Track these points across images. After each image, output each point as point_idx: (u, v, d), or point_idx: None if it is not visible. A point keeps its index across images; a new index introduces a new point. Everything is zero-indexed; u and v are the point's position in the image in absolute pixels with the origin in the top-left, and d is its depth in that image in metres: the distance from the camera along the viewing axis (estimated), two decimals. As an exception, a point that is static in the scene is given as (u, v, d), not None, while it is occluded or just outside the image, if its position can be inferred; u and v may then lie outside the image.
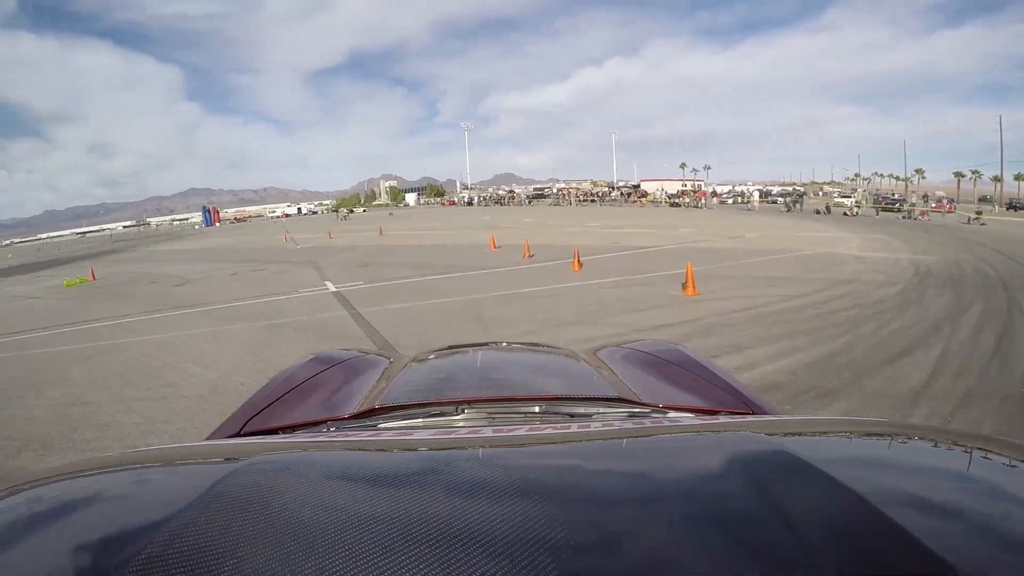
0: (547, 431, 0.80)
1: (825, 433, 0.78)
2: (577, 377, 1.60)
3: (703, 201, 48.63)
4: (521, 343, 2.83)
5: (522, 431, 0.80)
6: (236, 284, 13.57)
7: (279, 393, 1.58)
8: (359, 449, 0.75)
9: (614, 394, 1.28)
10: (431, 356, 1.93)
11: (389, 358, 1.97)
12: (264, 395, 1.59)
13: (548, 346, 2.24)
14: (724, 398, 1.46)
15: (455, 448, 0.72)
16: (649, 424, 0.90)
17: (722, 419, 1.01)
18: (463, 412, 1.14)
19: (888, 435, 0.77)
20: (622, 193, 73.04)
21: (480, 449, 0.69)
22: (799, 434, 0.76)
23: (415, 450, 0.72)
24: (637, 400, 1.25)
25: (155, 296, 12.37)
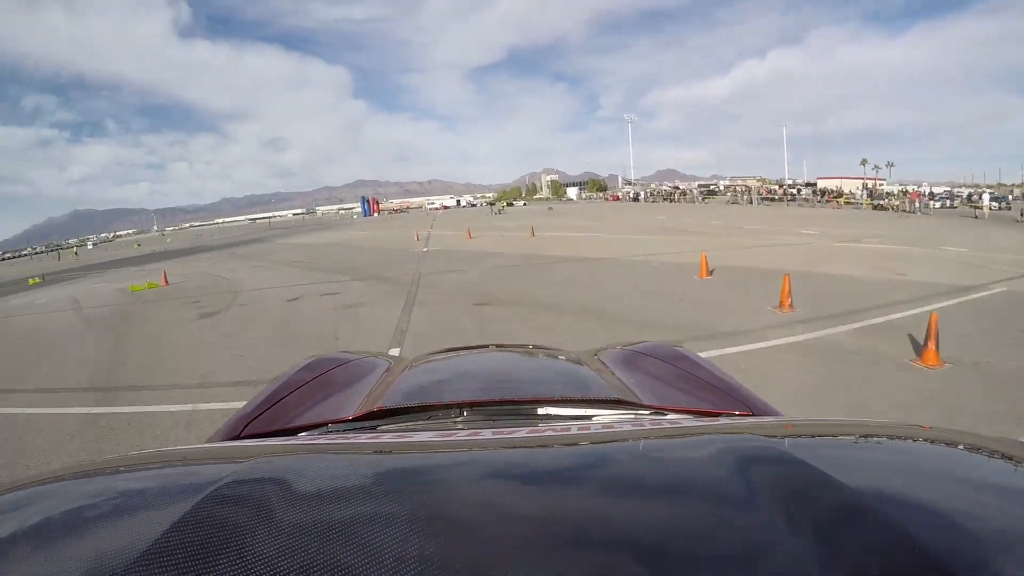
0: (547, 433, 0.80)
1: (826, 435, 0.79)
2: (577, 379, 1.55)
3: (917, 204, 35.74)
4: (520, 345, 2.34)
5: (522, 433, 0.78)
6: (260, 330, 8.59)
7: (279, 396, 1.51)
8: (359, 452, 0.74)
9: (614, 396, 1.24)
10: (431, 359, 1.87)
11: (389, 360, 1.93)
12: (264, 398, 1.51)
13: (548, 348, 2.20)
14: (725, 400, 1.42)
15: (455, 451, 0.72)
16: (649, 426, 0.89)
17: (723, 421, 0.99)
18: (463, 415, 1.14)
19: (890, 436, 0.76)
20: (815, 191, 60.29)
21: (480, 452, 0.69)
22: (800, 436, 0.75)
23: (415, 453, 0.72)
24: (637, 402, 1.24)
25: (147, 338, 8.69)
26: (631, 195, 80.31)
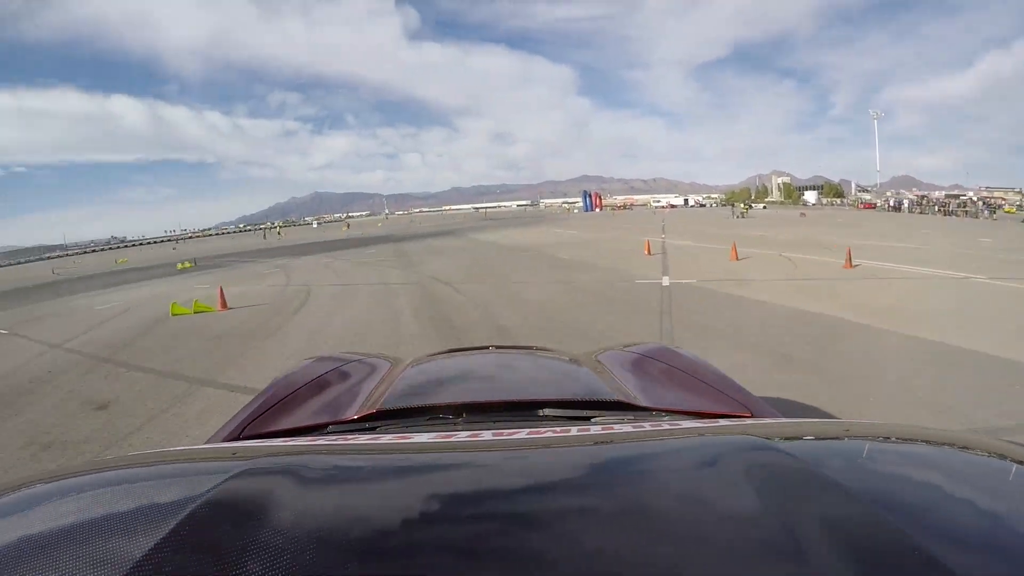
0: (547, 435, 0.78)
1: (826, 437, 0.79)
2: (577, 380, 1.59)
3: None
4: (520, 346, 2.56)
5: (522, 435, 0.79)
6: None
7: (279, 396, 1.53)
8: (359, 453, 0.75)
9: (614, 397, 1.26)
10: (431, 360, 1.88)
11: (390, 361, 1.93)
12: (264, 398, 1.54)
13: (548, 349, 2.20)
14: (724, 401, 1.44)
15: (455, 452, 0.72)
16: (649, 428, 0.90)
17: (722, 423, 0.98)
18: (463, 416, 1.14)
19: (890, 438, 0.77)
20: None
21: (480, 453, 0.70)
22: (800, 438, 0.76)
23: (415, 454, 0.72)
24: (637, 403, 1.25)
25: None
26: (891, 203, 60.31)
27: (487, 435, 0.79)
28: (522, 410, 1.18)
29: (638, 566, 0.41)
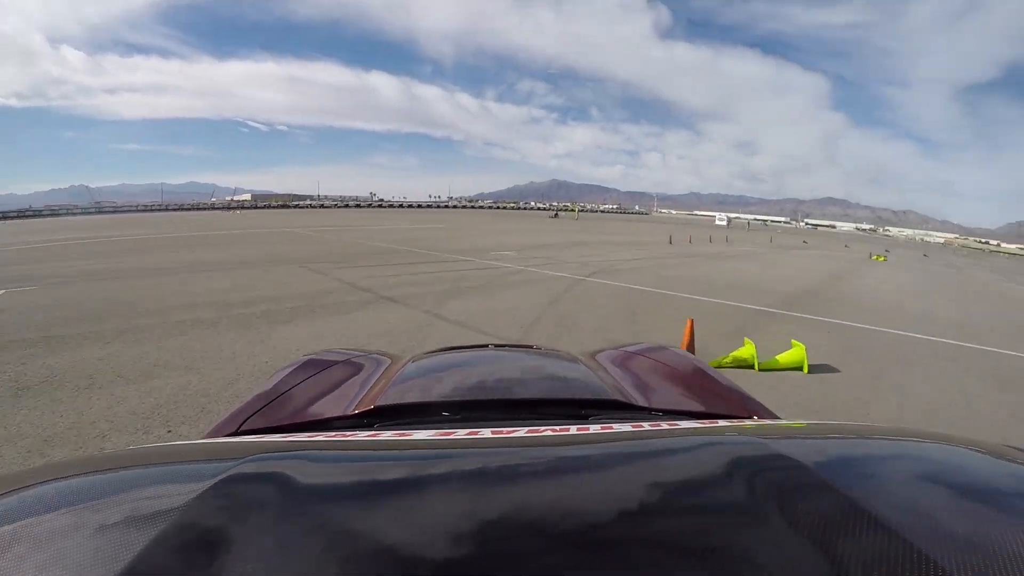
0: (546, 433, 0.78)
1: (825, 438, 0.79)
2: (576, 380, 1.54)
3: None
4: (520, 344, 2.60)
5: (521, 433, 0.79)
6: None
7: (277, 392, 1.51)
8: (357, 449, 0.75)
9: (613, 397, 1.27)
10: (430, 356, 1.85)
11: (388, 358, 1.93)
12: (262, 393, 1.51)
13: (547, 348, 2.19)
14: (722, 402, 1.46)
15: (453, 449, 0.72)
16: (648, 428, 0.89)
17: (720, 423, 0.98)
18: (462, 413, 1.14)
19: (889, 440, 0.77)
20: None
21: (478, 450, 0.70)
22: (798, 439, 0.76)
23: (413, 450, 0.72)
24: (635, 404, 1.26)
25: None
26: None
27: (486, 433, 0.79)
28: (521, 408, 1.19)
29: (636, 565, 0.42)
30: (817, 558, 0.42)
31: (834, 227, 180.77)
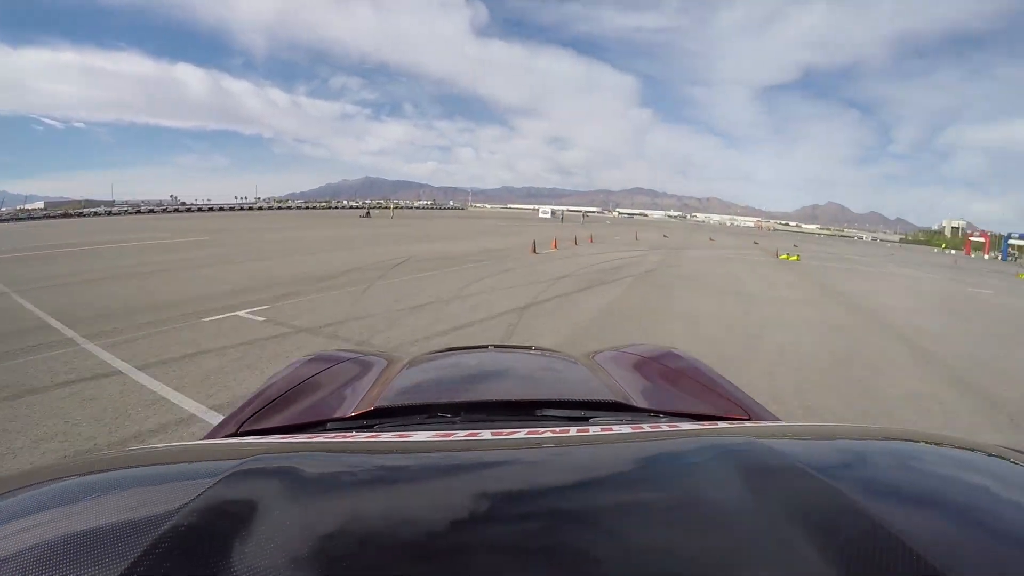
0: (545, 434, 0.78)
1: (824, 440, 0.79)
2: (575, 381, 1.57)
3: None
4: (520, 346, 2.37)
5: (520, 434, 0.79)
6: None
7: (277, 393, 1.50)
8: (356, 451, 0.74)
9: (612, 398, 1.26)
10: (430, 358, 1.87)
11: (388, 359, 1.90)
12: (262, 395, 1.50)
13: (546, 349, 2.17)
14: (722, 403, 1.45)
15: (453, 450, 0.72)
16: (647, 429, 0.89)
17: (720, 425, 0.98)
18: (461, 414, 1.14)
19: (889, 442, 0.77)
20: None
21: (478, 452, 0.70)
22: (799, 441, 0.76)
23: (413, 452, 0.72)
24: (635, 405, 1.25)
25: None
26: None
27: (486, 434, 0.79)
28: (521, 409, 1.18)
29: (635, 566, 0.42)
30: (816, 559, 0.42)
31: (646, 215, 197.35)
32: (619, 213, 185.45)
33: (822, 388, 5.52)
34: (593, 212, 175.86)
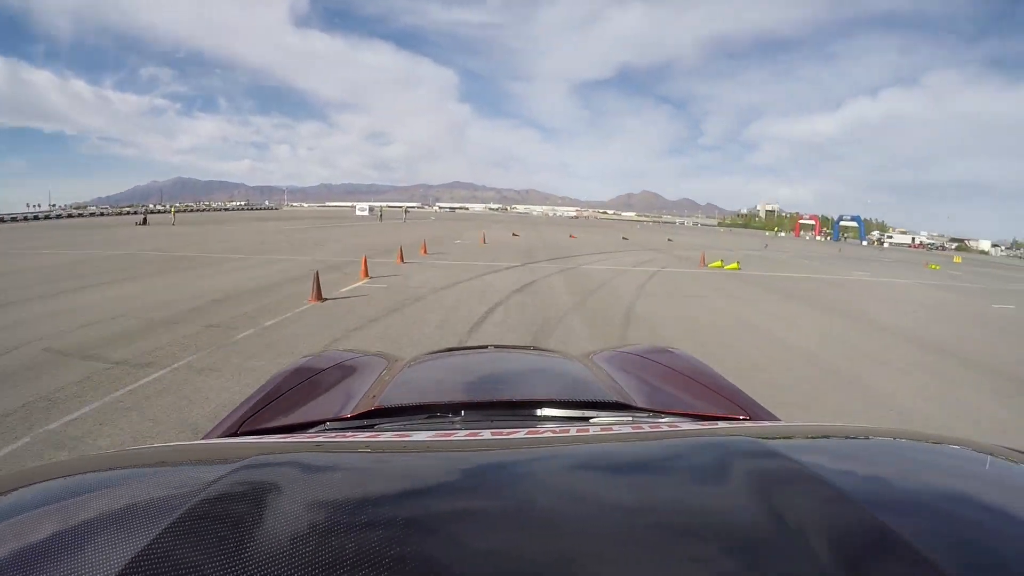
0: (545, 435, 0.79)
1: (824, 439, 0.79)
2: (575, 381, 1.57)
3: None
4: (520, 346, 2.66)
5: (520, 434, 0.79)
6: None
7: (277, 392, 1.52)
8: (356, 451, 0.75)
9: (612, 398, 1.27)
10: (430, 358, 1.89)
11: (388, 359, 1.93)
12: (262, 394, 1.52)
13: (546, 349, 2.22)
14: (721, 403, 1.45)
15: (453, 451, 0.72)
16: (647, 429, 0.90)
17: (720, 424, 1.00)
18: (461, 414, 1.14)
19: (887, 441, 0.77)
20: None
21: (478, 452, 0.70)
22: (798, 440, 0.76)
23: (413, 452, 0.72)
24: (635, 405, 1.25)
25: None
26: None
27: (486, 434, 0.79)
28: (521, 410, 1.18)
29: (634, 565, 0.41)
30: (816, 558, 0.42)
31: (466, 208, 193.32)
32: (440, 207, 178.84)
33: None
34: (414, 207, 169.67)
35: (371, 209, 66.84)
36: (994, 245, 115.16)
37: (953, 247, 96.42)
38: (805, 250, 40.92)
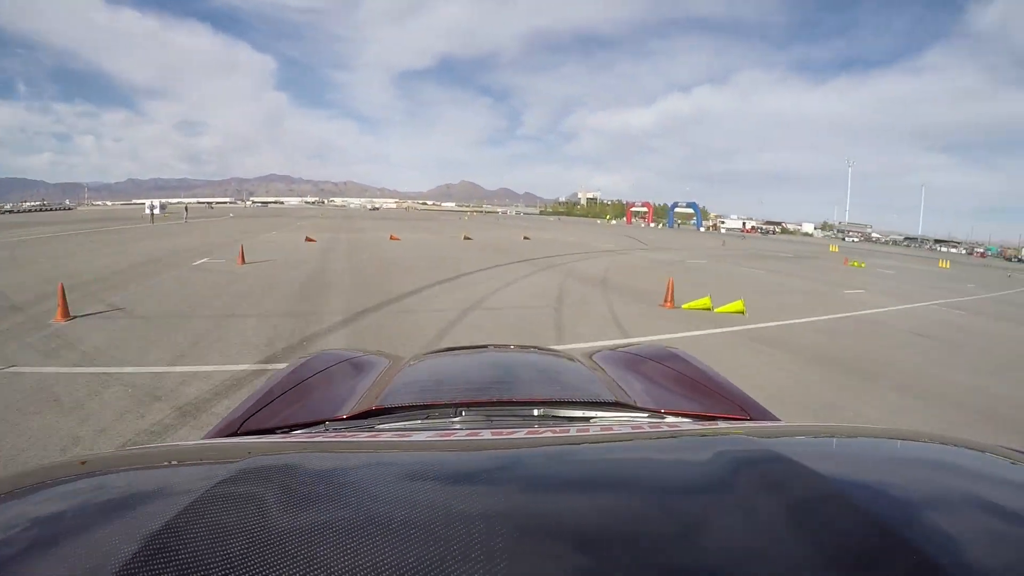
0: (545, 434, 0.79)
1: (824, 439, 0.79)
2: (576, 381, 1.56)
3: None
4: (520, 345, 2.43)
5: (520, 434, 0.79)
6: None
7: (278, 392, 1.50)
8: (357, 450, 0.74)
9: (612, 398, 1.27)
10: (430, 357, 1.88)
11: (389, 358, 1.92)
12: (263, 394, 1.50)
13: (547, 349, 2.20)
14: (721, 403, 1.45)
15: (453, 450, 0.72)
16: (648, 429, 0.90)
17: (720, 424, 1.00)
18: (461, 414, 1.13)
19: (887, 441, 0.77)
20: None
21: (478, 452, 0.70)
22: (798, 440, 0.76)
23: (413, 452, 0.72)
24: (635, 404, 1.25)
25: None
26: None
27: (486, 434, 0.79)
28: (521, 409, 1.17)
29: (635, 566, 0.41)
30: (815, 557, 0.42)
31: (281, 203, 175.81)
32: (253, 202, 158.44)
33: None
34: (225, 203, 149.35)
35: (162, 207, 51.10)
36: (816, 228, 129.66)
37: (776, 231, 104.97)
38: (692, 243, 37.09)
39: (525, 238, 29.04)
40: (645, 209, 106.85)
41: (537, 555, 0.43)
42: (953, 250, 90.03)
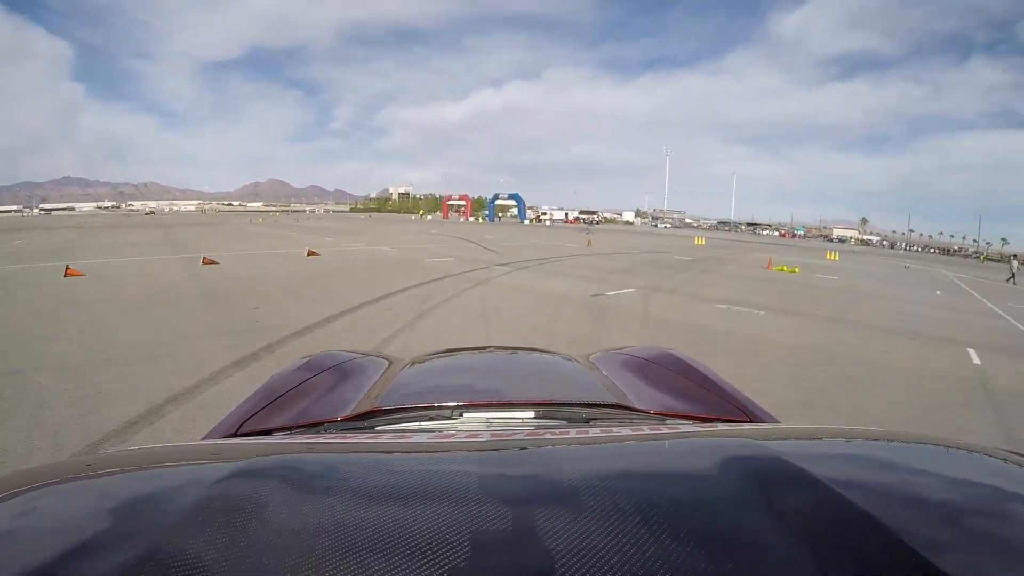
0: (545, 436, 0.79)
1: (823, 441, 0.80)
2: (576, 382, 1.56)
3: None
4: (520, 347, 2.38)
5: (520, 436, 0.80)
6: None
7: (277, 393, 1.49)
8: (356, 452, 0.74)
9: (612, 400, 1.27)
10: (430, 359, 1.87)
11: (388, 360, 1.89)
12: (261, 395, 1.50)
13: (546, 351, 2.14)
14: (720, 405, 1.45)
15: (452, 452, 0.72)
16: (647, 431, 0.90)
17: (719, 427, 1.00)
18: (461, 415, 1.13)
19: (887, 443, 0.77)
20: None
21: (477, 453, 0.70)
22: (798, 443, 0.76)
23: (412, 453, 0.72)
24: (635, 407, 1.26)
25: None
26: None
27: (486, 435, 0.80)
28: (520, 411, 1.17)
29: (634, 567, 0.42)
30: (815, 560, 0.42)
31: (73, 209, 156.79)
32: (40, 210, 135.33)
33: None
34: (10, 211, 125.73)
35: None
36: (636, 215, 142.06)
37: (600, 220, 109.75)
38: (561, 238, 35.30)
39: (310, 253, 18.56)
40: (463, 203, 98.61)
41: (537, 556, 0.43)
42: (765, 232, 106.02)
